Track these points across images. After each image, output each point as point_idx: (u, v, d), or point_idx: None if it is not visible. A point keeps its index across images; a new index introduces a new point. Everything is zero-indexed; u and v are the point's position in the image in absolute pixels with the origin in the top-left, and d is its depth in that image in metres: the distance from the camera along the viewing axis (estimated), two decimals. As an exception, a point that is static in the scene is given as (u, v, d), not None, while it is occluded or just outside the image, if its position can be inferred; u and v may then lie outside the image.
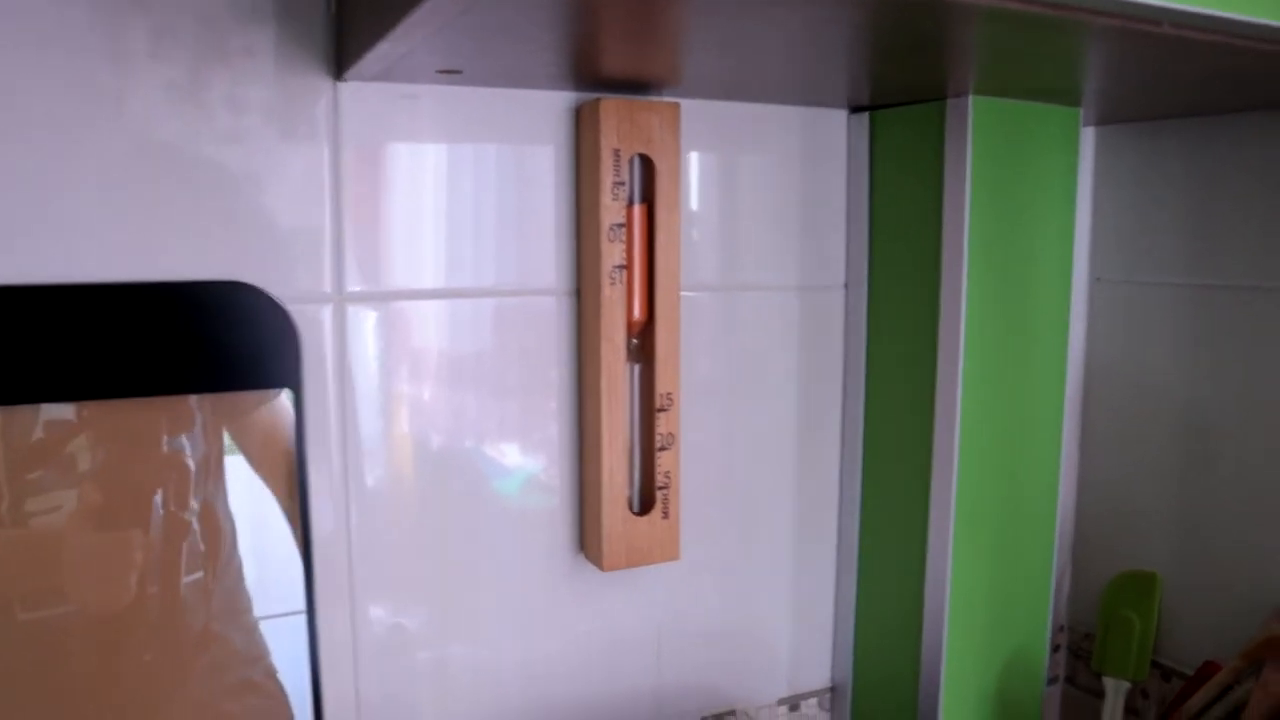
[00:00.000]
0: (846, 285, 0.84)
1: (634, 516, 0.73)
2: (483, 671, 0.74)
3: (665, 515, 0.74)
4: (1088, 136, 0.93)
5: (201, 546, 0.64)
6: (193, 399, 0.63)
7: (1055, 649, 0.99)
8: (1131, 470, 0.92)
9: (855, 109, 0.82)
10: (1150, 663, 0.89)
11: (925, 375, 0.76)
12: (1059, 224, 0.78)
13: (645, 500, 0.74)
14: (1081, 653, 0.97)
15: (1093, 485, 0.96)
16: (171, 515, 0.63)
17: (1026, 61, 0.63)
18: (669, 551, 0.74)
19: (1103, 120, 0.90)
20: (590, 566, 0.75)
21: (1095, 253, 0.94)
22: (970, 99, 0.71)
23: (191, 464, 0.64)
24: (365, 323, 0.68)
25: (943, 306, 0.75)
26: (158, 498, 0.63)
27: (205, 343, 0.63)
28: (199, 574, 0.65)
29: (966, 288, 0.73)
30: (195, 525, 0.64)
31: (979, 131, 0.72)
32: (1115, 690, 0.88)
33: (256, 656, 0.67)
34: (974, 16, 0.50)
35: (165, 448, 0.63)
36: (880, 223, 0.81)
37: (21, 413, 0.59)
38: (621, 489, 0.72)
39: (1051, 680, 0.99)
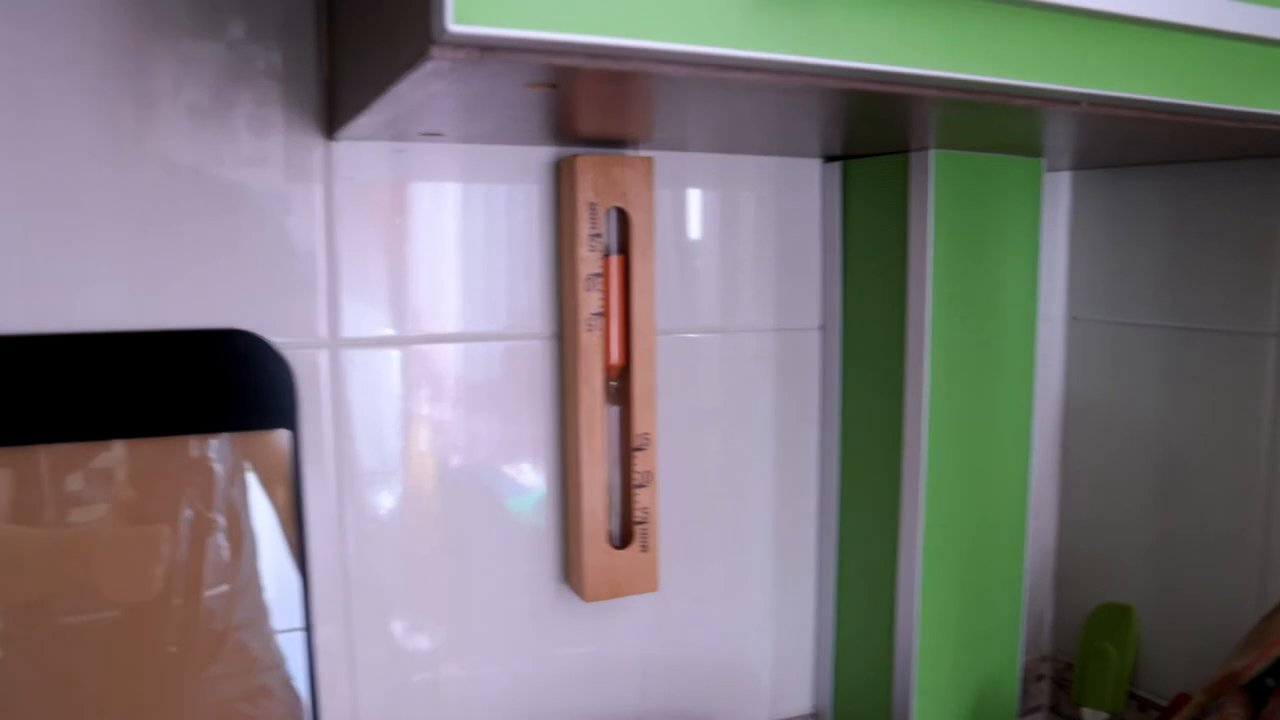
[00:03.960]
0: (822, 326, 0.87)
1: (614, 550, 0.77)
2: (473, 692, 0.79)
3: (644, 549, 0.78)
4: (1063, 180, 0.96)
5: (226, 552, 0.70)
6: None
7: (1039, 679, 1.01)
8: (1110, 505, 0.95)
9: (829, 158, 0.85)
10: (1128, 694, 0.91)
11: (893, 413, 0.80)
12: (1023, 267, 0.81)
13: (625, 534, 0.78)
14: (1065, 683, 0.99)
15: (1073, 520, 0.99)
16: (200, 516, 0.69)
17: (980, 126, 0.67)
18: (648, 583, 0.78)
19: (1077, 166, 0.93)
20: (575, 595, 0.79)
21: (1073, 292, 0.97)
22: (932, 153, 0.75)
23: (219, 469, 0.69)
24: (357, 366, 0.73)
25: (908, 347, 0.78)
26: (186, 501, 0.69)
27: (208, 387, 0.68)
28: (224, 584, 0.70)
29: (930, 330, 0.77)
30: (222, 527, 0.69)
31: (941, 181, 0.76)
32: (1093, 721, 0.90)
33: (273, 664, 0.72)
34: (911, 102, 0.54)
35: (194, 453, 0.69)
36: (852, 266, 0.84)
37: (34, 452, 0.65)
38: (601, 524, 0.76)
39: (1035, 709, 1.01)
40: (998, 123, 0.65)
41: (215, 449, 0.69)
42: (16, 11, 0.62)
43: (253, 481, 0.71)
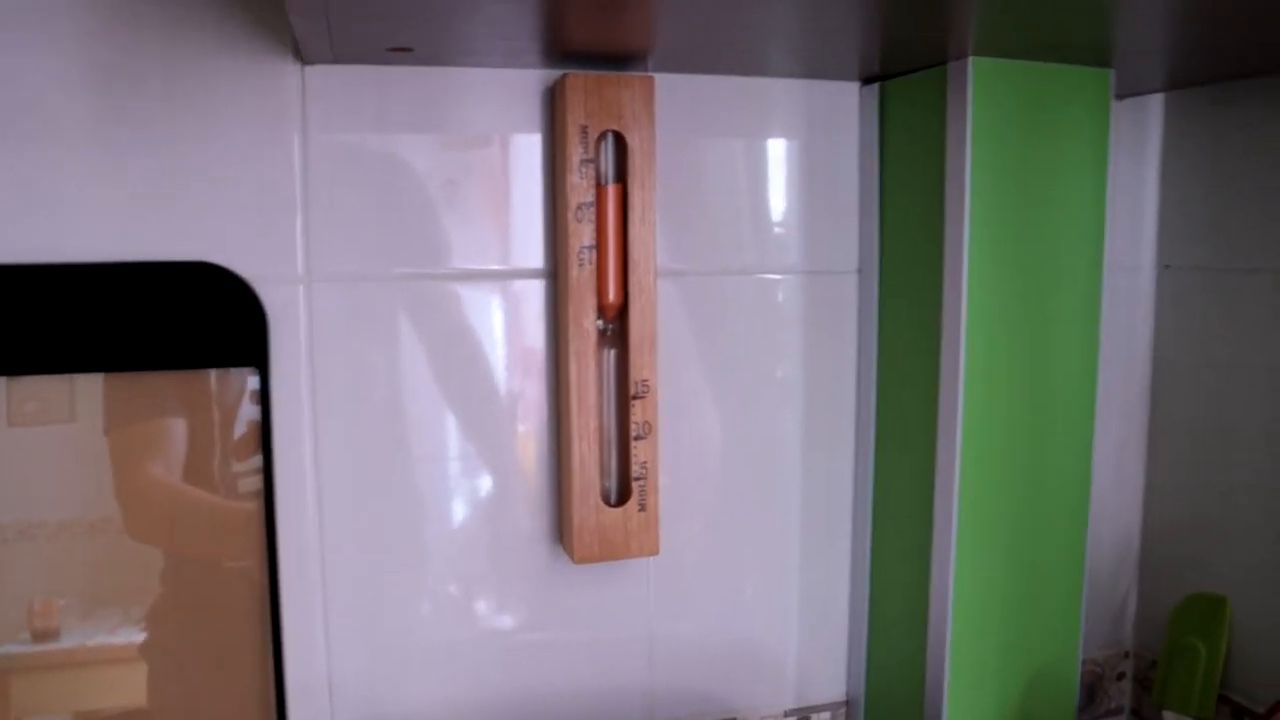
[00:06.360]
0: (860, 270, 0.78)
1: (608, 508, 0.70)
2: (457, 655, 0.73)
3: (642, 508, 0.71)
4: (1154, 104, 0.84)
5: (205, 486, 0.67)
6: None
7: (1119, 677, 0.89)
8: (1206, 482, 0.82)
9: (867, 80, 0.76)
10: (1217, 698, 0.78)
11: (929, 370, 0.70)
12: (1087, 202, 0.70)
13: (621, 491, 0.71)
14: (1148, 683, 0.87)
15: (1162, 497, 0.86)
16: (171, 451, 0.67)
17: (1029, 18, 0.57)
18: (647, 545, 0.71)
19: (1169, 85, 0.80)
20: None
21: (1163, 236, 0.84)
22: (970, 61, 0.65)
23: (185, 403, 0.67)
24: (335, 302, 0.68)
25: (946, 294, 0.68)
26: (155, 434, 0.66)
27: (170, 321, 0.65)
28: (196, 522, 0.68)
29: (968, 273, 0.67)
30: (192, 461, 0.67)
31: (982, 96, 0.66)
32: (1177, 727, 0.79)
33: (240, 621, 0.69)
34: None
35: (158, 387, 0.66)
36: (890, 202, 0.75)
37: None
38: (594, 479, 0.70)
39: (1115, 711, 0.89)
40: (1050, 11, 0.55)
41: (179, 384, 0.66)
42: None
43: (222, 417, 0.67)
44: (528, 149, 0.71)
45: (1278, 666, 0.76)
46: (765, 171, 0.76)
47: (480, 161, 0.70)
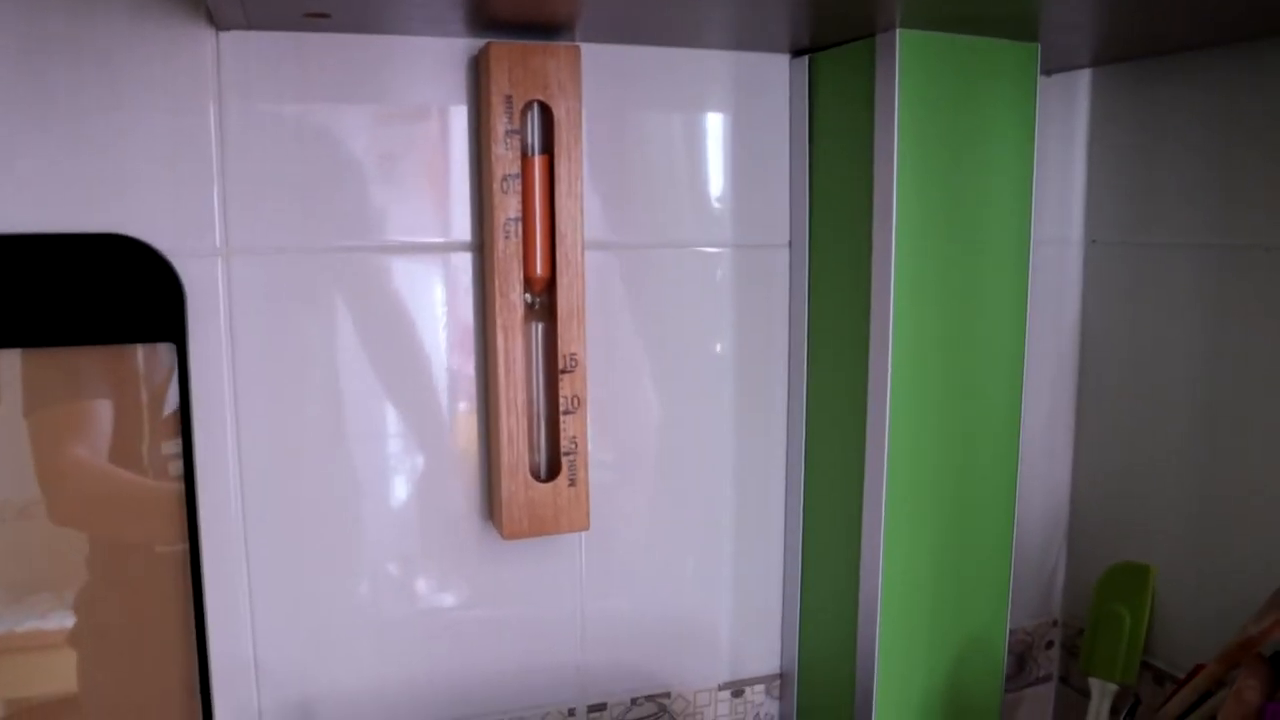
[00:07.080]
0: (790, 244, 0.78)
1: (537, 483, 0.70)
2: (385, 633, 0.72)
3: (572, 483, 0.70)
4: (1081, 80, 0.84)
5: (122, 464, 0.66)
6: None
7: (1048, 645, 0.91)
8: (1132, 453, 0.83)
9: (797, 52, 0.76)
10: (1141, 664, 0.80)
11: (859, 342, 0.70)
12: (1014, 175, 0.70)
13: (551, 466, 0.71)
14: (1076, 650, 0.89)
15: (1090, 469, 0.87)
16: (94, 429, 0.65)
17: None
18: (577, 521, 0.71)
19: (1097, 60, 0.81)
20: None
21: (1091, 211, 0.85)
22: (898, 33, 0.65)
23: (99, 381, 0.65)
24: (256, 276, 0.67)
25: (874, 267, 0.68)
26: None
27: (84, 295, 0.63)
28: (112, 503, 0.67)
29: (896, 245, 0.67)
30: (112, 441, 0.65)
31: (909, 68, 0.66)
32: (1101, 694, 0.80)
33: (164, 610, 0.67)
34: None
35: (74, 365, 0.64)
36: (820, 175, 0.75)
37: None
38: (522, 453, 0.69)
39: (1044, 679, 0.91)
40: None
41: (102, 361, 0.64)
42: None
43: (150, 396, 0.65)
44: (455, 119, 0.70)
45: (1198, 633, 0.77)
46: (696, 143, 0.76)
47: (407, 131, 0.69)
